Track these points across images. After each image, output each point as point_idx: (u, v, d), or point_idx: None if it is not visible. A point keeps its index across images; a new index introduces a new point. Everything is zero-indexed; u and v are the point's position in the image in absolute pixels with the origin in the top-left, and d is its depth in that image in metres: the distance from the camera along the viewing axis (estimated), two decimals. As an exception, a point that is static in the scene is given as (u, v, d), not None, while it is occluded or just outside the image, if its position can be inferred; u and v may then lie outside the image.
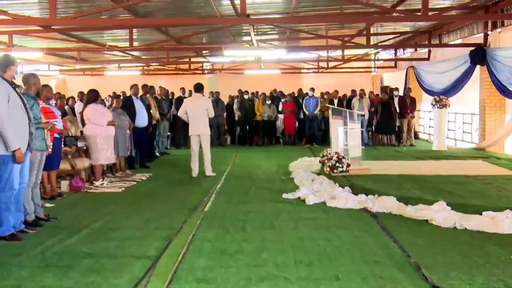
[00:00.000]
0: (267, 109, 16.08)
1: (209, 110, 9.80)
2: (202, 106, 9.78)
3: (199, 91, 10.06)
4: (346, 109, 9.95)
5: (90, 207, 7.05)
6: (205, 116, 9.79)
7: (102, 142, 8.83)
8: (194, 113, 9.80)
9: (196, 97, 10.03)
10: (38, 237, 5.46)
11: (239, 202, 7.29)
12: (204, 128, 9.83)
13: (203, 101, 9.94)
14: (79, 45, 15.41)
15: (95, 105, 8.90)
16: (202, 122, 9.78)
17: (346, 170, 8.74)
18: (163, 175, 10.13)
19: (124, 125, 9.98)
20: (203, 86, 10.29)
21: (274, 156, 13.31)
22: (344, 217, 6.30)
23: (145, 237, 5.39)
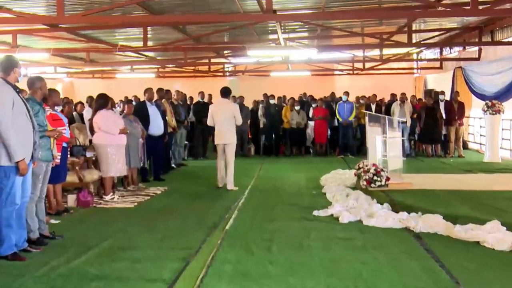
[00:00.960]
0: (296, 116, 16.07)
1: (236, 117, 9.97)
2: (229, 113, 9.95)
3: (226, 96, 10.24)
4: (385, 116, 9.88)
5: (99, 224, 7.13)
6: (232, 124, 9.97)
7: (113, 152, 8.93)
8: (220, 120, 9.99)
9: (222, 102, 10.20)
10: (42, 256, 5.53)
11: (264, 219, 7.28)
12: (230, 137, 10.00)
13: (230, 107, 10.12)
14: (89, 45, 15.65)
15: (105, 111, 9.02)
16: (228, 130, 9.97)
17: (385, 184, 8.67)
18: (180, 189, 10.19)
19: (136, 133, 10.08)
20: (231, 90, 10.46)
21: (304, 168, 13.26)
22: (383, 237, 6.24)
23: (159, 258, 5.42)
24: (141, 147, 10.41)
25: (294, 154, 16.29)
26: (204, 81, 24.12)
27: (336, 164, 13.45)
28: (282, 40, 13.75)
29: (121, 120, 9.30)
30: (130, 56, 19.00)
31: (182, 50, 16.08)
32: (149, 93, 11.23)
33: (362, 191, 8.73)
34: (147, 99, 11.16)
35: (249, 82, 24.36)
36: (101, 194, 9.06)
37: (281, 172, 12.48)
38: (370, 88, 20.26)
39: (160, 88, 12.40)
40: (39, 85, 6.11)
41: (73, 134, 9.18)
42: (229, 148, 10.01)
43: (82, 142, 9.54)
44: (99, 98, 9.22)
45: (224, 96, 10.20)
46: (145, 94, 11.27)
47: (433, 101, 15.63)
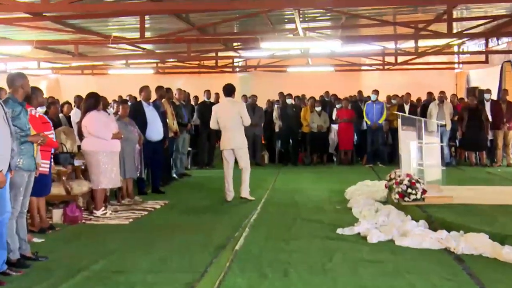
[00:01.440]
0: (317, 118, 16.07)
1: (243, 117, 10.08)
2: (235, 113, 10.06)
3: (230, 94, 10.33)
4: (421, 118, 9.85)
5: (90, 243, 7.16)
6: (239, 126, 10.11)
7: (105, 161, 8.98)
8: (226, 122, 10.12)
9: (226, 102, 10.33)
10: (23, 281, 5.56)
11: (280, 238, 7.27)
12: (239, 140, 10.14)
13: (236, 106, 10.23)
14: (77, 37, 15.75)
15: (96, 112, 9.07)
16: (236, 133, 10.10)
17: (421, 198, 8.64)
18: (182, 202, 10.23)
19: (132, 138, 10.13)
20: (235, 87, 10.52)
21: (326, 179, 13.26)
22: (419, 260, 6.22)
23: (159, 283, 5.44)
24: (138, 154, 10.46)
25: (315, 163, 16.28)
26: (210, 78, 24.18)
27: (363, 174, 13.42)
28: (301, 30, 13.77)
29: (114, 123, 9.35)
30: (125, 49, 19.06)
31: (185, 42, 16.10)
32: (145, 92, 11.30)
33: (394, 206, 8.70)
34: (143, 99, 11.23)
35: (263, 79, 24.41)
36: (91, 208, 9.10)
37: (300, 184, 12.48)
38: (403, 86, 20.22)
39: (159, 86, 12.42)
40: (20, 82, 6.15)
41: (59, 139, 9.24)
42: (241, 153, 10.15)
43: (70, 149, 9.59)
44: (89, 97, 9.25)
45: (228, 94, 10.32)
46: (141, 93, 11.34)
47: (477, 101, 15.55)
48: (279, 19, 15.40)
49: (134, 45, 17.22)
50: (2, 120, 5.41)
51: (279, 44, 14.52)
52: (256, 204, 9.83)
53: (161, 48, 20.05)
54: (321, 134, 16.14)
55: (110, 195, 9.91)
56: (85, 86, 19.67)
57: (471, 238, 6.63)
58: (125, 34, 15.80)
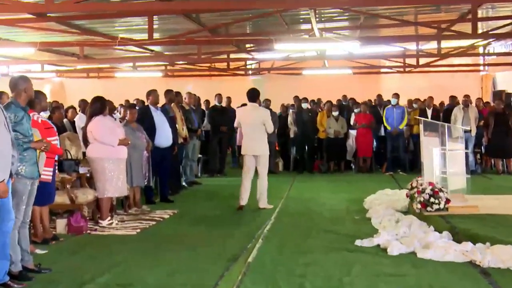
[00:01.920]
0: (334, 123, 16.04)
1: (267, 125, 10.37)
2: (258, 120, 10.35)
3: (254, 99, 10.62)
4: (444, 123, 9.80)
5: (95, 255, 7.18)
6: (262, 133, 10.38)
7: (111, 168, 8.99)
8: (248, 128, 10.42)
9: (250, 107, 10.61)
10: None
11: (296, 250, 7.27)
12: (262, 147, 10.41)
13: (260, 113, 10.54)
14: (82, 38, 15.83)
15: (102, 117, 9.10)
16: (259, 139, 10.36)
17: (445, 207, 8.59)
18: (192, 212, 10.25)
19: (140, 145, 10.16)
20: (259, 92, 10.81)
21: (344, 187, 13.23)
22: (442, 273, 6.18)
23: (167, 297, 5.44)
24: (146, 161, 10.49)
25: (332, 171, 16.25)
26: (222, 81, 24.25)
27: (383, 182, 13.37)
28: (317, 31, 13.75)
29: (121, 129, 9.38)
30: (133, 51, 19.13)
31: (195, 43, 16.14)
32: (153, 96, 11.33)
33: (415, 216, 8.65)
34: (151, 103, 11.27)
35: (277, 82, 24.41)
36: (96, 218, 9.12)
37: (316, 193, 12.47)
38: (425, 90, 20.14)
39: (168, 90, 12.49)
40: (23, 86, 6.17)
41: (64, 146, 9.27)
42: (261, 160, 10.39)
43: (74, 155, 9.62)
44: (94, 101, 9.28)
45: (252, 100, 10.58)
46: (148, 97, 11.38)
47: (504, 105, 15.49)
48: (294, 19, 15.41)
49: (142, 46, 17.26)
50: (2, 126, 5.42)
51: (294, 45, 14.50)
52: (270, 214, 9.83)
53: (170, 50, 20.11)
54: (339, 140, 16.11)
55: (116, 204, 9.93)
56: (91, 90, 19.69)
57: (498, 250, 6.57)
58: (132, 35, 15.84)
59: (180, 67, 24.26)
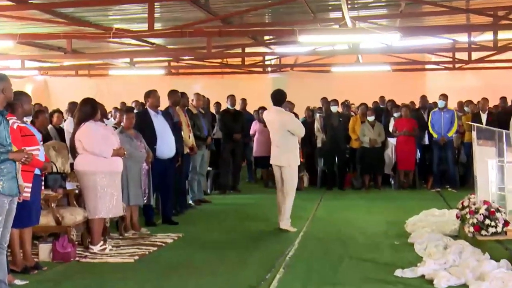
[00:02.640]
0: (369, 130, 15.96)
1: (292, 130, 10.56)
2: (282, 126, 10.54)
3: (278, 103, 10.78)
4: (501, 130, 9.71)
5: (85, 286, 7.13)
6: (288, 140, 10.56)
7: (104, 183, 8.97)
8: (272, 134, 10.73)
9: (273, 112, 10.84)
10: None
11: (324, 282, 7.23)
12: (286, 157, 10.53)
13: (284, 118, 10.68)
14: (70, 30, 15.90)
15: (93, 123, 9.07)
16: (283, 148, 10.54)
17: (503, 231, 8.50)
18: (200, 236, 10.23)
19: (138, 156, 10.14)
20: (285, 95, 10.96)
21: (381, 206, 13.18)
22: (501, 311, 6.11)
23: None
24: (145, 175, 10.46)
25: (367, 187, 16.19)
26: (235, 80, 24.26)
27: (429, 201, 13.29)
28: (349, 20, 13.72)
29: (116, 137, 9.36)
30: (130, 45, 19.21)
31: (204, 35, 16.15)
32: (152, 97, 11.29)
33: (467, 241, 8.58)
34: (150, 106, 11.24)
35: (301, 81, 24.39)
36: (87, 243, 9.10)
37: (348, 213, 12.44)
38: (479, 90, 19.99)
39: (172, 91, 12.47)
40: (0, 86, 6.18)
41: (48, 157, 9.27)
42: (286, 172, 10.50)
43: (61, 168, 9.63)
44: (84, 104, 9.25)
45: (276, 103, 10.76)
46: (147, 99, 11.34)
47: None
48: (322, 6, 15.39)
49: (140, 39, 17.33)
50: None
51: (321, 37, 14.50)
52: (293, 238, 9.78)
53: (174, 43, 20.15)
54: (375, 150, 16.03)
55: (110, 226, 9.90)
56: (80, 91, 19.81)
57: None
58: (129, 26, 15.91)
59: (186, 64, 24.33)
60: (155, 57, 22.60)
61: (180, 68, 25.29)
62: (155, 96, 11.37)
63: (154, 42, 19.23)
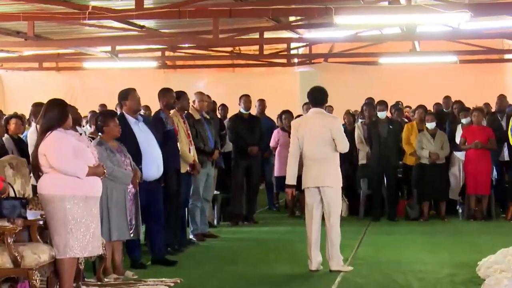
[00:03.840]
0: (429, 142, 15.90)
1: (337, 140, 10.45)
2: (326, 133, 10.48)
3: (320, 103, 10.84)
4: None
5: None
6: (331, 153, 10.55)
7: (77, 212, 8.96)
8: (310, 146, 10.56)
9: (313, 116, 10.80)
10: None
11: None
12: (330, 176, 10.57)
13: (329, 123, 10.63)
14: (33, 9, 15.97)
15: (61, 133, 9.06)
16: (326, 164, 10.54)
17: None
18: (205, 282, 10.24)
19: (123, 176, 10.14)
20: (326, 93, 10.98)
21: (445, 243, 13.15)
22: None
23: None
24: (132, 202, 10.45)
25: (426, 217, 16.11)
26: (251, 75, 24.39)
27: (509, 236, 13.26)
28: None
29: (92, 150, 9.36)
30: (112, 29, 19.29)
31: (209, 15, 16.22)
32: (131, 100, 10.99)
33: None
34: (127, 111, 11.07)
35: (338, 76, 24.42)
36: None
37: (401, 252, 12.41)
38: None
39: (165, 90, 12.38)
40: None
41: (3, 177, 9.30)
42: (330, 195, 10.51)
43: (20, 192, 9.63)
44: (50, 107, 9.20)
45: (316, 103, 10.80)
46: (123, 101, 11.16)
47: None
48: (365, -23, 15.45)
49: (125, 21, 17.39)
50: None
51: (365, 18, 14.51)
52: (328, 284, 9.80)
53: (170, 26, 20.23)
54: (437, 169, 15.99)
55: (85, 268, 9.90)
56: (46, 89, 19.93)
57: None
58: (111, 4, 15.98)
59: (186, 54, 24.41)
60: (145, 45, 22.66)
61: (177, 59, 25.41)
62: (134, 98, 11.15)
63: (144, 25, 19.28)
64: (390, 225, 15.67)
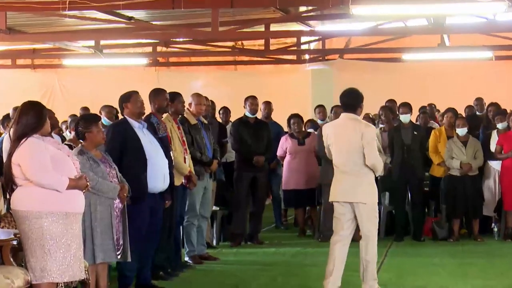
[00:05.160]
0: (460, 150, 15.89)
1: (367, 152, 10.45)
2: (358, 143, 10.48)
3: (353, 107, 10.81)
4: None
5: None
6: (365, 165, 10.45)
7: (56, 231, 8.97)
8: (341, 156, 10.61)
9: (345, 122, 10.82)
10: None
11: None
12: (364, 190, 10.51)
13: (365, 131, 10.63)
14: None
15: (38, 140, 9.08)
16: (358, 177, 10.51)
17: None
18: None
19: (108, 190, 10.12)
20: (361, 95, 10.91)
21: (479, 266, 13.12)
22: None
23: None
24: (119, 219, 10.43)
25: (457, 236, 16.09)
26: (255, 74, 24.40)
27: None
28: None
29: (73, 160, 9.36)
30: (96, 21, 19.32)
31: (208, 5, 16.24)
32: (133, 103, 11.06)
33: None
34: (129, 114, 11.10)
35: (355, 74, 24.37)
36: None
37: (428, 276, 12.38)
38: None
39: (156, 91, 12.33)
40: None
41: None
42: (364, 212, 10.48)
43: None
44: (25, 111, 9.21)
45: (349, 108, 10.77)
46: (125, 105, 11.21)
47: None
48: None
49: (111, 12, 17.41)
50: None
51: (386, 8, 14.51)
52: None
53: (162, 17, 20.26)
54: (469, 181, 15.97)
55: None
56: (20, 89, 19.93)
57: None
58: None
59: (181, 49, 24.42)
60: (134, 39, 22.69)
61: (171, 55, 25.40)
62: (136, 101, 11.20)
63: (132, 17, 19.31)
64: (415, 246, 15.63)
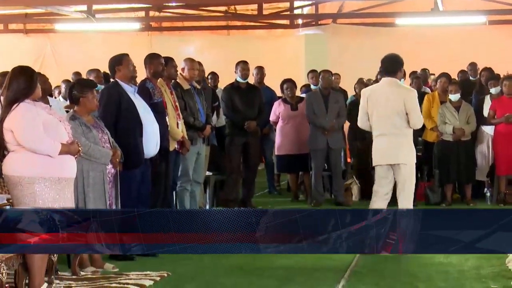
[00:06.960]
0: (452, 115, 15.89)
1: (410, 115, 10.72)
2: (400, 106, 10.76)
3: (393, 71, 11.08)
4: None
5: None
6: (404, 127, 10.79)
7: (48, 196, 8.96)
8: (381, 120, 10.86)
9: (386, 85, 11.07)
10: None
11: None
12: (404, 152, 10.84)
13: (401, 94, 10.90)
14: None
15: (30, 105, 9.05)
16: (399, 139, 10.79)
17: None
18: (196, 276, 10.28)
19: (100, 155, 10.13)
20: (402, 61, 11.23)
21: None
22: None
23: None
24: (112, 184, 10.46)
25: (450, 201, 16.16)
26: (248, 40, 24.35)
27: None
28: None
29: (65, 125, 9.33)
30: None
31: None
32: (125, 66, 10.98)
33: None
34: (121, 78, 11.07)
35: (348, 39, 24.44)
36: (23, 286, 9.12)
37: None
38: None
39: (152, 55, 12.38)
40: None
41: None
42: (405, 173, 10.84)
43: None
44: (16, 76, 9.18)
45: (390, 71, 11.00)
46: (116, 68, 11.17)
47: None
48: None
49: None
50: None
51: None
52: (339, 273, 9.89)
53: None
54: (462, 146, 16.00)
55: (58, 260, 9.91)
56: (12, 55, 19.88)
57: None
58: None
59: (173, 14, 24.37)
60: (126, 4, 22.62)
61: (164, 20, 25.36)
62: (128, 64, 11.19)
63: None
64: (408, 211, 15.65)
